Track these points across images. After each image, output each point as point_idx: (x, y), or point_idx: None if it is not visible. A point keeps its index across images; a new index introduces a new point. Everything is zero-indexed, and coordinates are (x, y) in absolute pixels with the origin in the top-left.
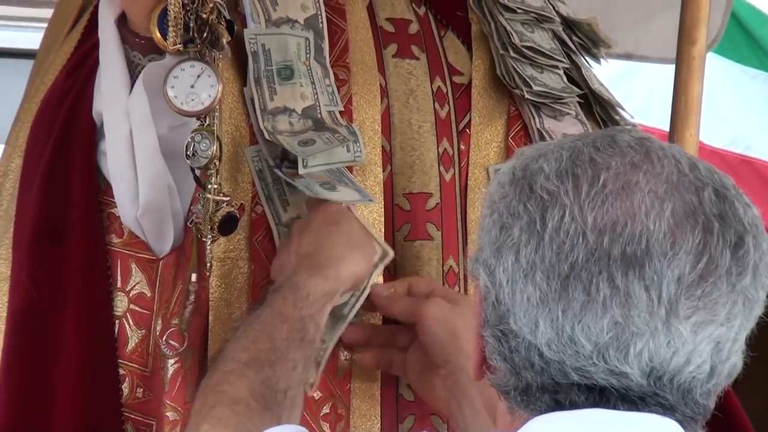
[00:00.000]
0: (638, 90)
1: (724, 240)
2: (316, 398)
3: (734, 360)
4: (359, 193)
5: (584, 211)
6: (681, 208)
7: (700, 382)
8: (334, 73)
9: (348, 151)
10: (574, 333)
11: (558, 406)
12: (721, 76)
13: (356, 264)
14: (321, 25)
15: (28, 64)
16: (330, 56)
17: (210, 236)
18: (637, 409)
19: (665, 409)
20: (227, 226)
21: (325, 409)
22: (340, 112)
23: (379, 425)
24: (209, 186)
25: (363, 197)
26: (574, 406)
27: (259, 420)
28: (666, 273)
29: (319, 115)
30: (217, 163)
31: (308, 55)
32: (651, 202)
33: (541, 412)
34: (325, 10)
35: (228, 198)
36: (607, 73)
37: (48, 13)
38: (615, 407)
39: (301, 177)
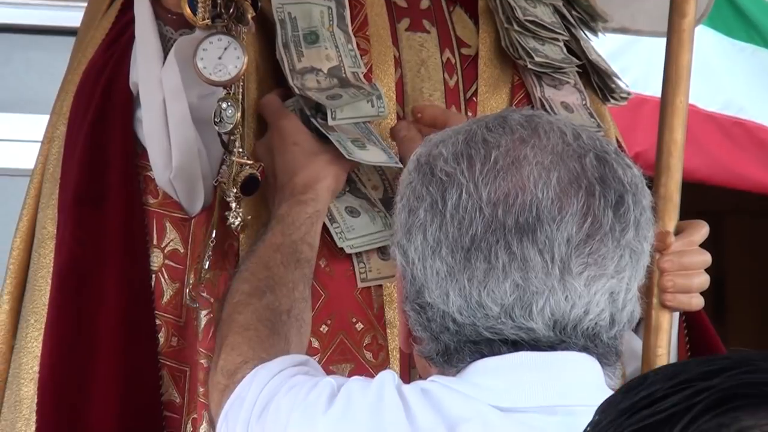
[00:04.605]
0: (637, 62)
1: (606, 200)
2: (359, 329)
3: (630, 308)
4: (386, 154)
5: (479, 188)
6: (566, 175)
7: (604, 329)
8: (357, 43)
9: (372, 106)
10: (481, 298)
11: (482, 355)
12: (712, 47)
13: (329, 178)
14: None
15: (70, 41)
16: (351, 27)
17: (233, 195)
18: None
19: (579, 350)
20: (249, 186)
21: (367, 340)
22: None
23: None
24: (234, 149)
25: (389, 159)
26: (498, 354)
27: (268, 344)
28: (556, 236)
29: (344, 75)
30: (241, 128)
31: (331, 22)
32: (538, 172)
33: (468, 363)
34: None
35: (251, 162)
36: (607, 47)
37: None
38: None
39: (333, 130)
